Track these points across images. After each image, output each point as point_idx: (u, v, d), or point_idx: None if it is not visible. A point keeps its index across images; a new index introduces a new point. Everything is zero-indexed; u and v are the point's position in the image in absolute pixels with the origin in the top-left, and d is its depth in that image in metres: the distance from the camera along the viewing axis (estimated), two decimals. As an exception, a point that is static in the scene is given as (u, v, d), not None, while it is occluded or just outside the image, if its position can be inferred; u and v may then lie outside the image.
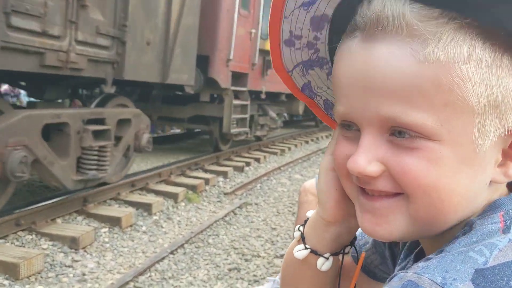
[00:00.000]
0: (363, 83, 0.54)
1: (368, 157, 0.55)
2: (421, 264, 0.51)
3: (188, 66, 7.35)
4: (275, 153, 10.99)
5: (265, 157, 10.23)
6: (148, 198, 5.99)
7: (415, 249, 0.69)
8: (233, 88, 9.09)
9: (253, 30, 9.55)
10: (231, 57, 8.60)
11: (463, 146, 0.52)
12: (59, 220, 4.84)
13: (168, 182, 6.93)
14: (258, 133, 11.43)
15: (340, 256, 0.76)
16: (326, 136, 16.45)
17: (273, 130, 12.50)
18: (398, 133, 0.53)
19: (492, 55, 0.51)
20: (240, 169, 8.69)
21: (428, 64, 0.50)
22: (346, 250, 0.76)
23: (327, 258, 0.74)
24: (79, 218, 5.06)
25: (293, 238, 0.81)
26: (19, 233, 4.40)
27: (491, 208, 0.56)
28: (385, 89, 0.52)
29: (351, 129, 0.59)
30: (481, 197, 0.57)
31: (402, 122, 0.52)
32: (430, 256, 0.53)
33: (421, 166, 0.52)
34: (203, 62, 8.14)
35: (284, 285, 0.85)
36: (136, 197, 5.97)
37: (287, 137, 13.70)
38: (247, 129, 10.05)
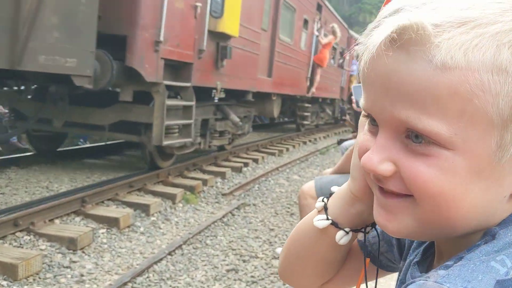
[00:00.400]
0: (381, 84, 0.53)
1: (381, 156, 0.55)
2: (441, 272, 0.51)
3: (78, 46, 4.85)
4: (273, 154, 11.00)
5: (263, 157, 10.24)
6: (146, 199, 5.98)
7: (423, 243, 0.70)
8: (168, 82, 6.52)
9: (199, 4, 6.76)
10: (162, 38, 6.06)
11: (478, 158, 0.51)
12: (57, 221, 4.84)
13: (166, 183, 6.92)
14: (216, 142, 8.77)
15: (359, 234, 0.77)
16: (324, 137, 16.47)
17: (240, 137, 10.10)
18: (415, 137, 0.53)
19: None
20: (238, 170, 8.69)
21: (445, 71, 0.48)
22: (367, 229, 0.77)
23: (347, 233, 0.75)
24: (77, 218, 5.05)
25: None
26: (17, 233, 4.39)
27: None
28: (400, 92, 0.51)
29: (375, 124, 0.58)
30: (499, 209, 0.55)
31: (416, 127, 0.51)
32: (449, 263, 0.53)
33: (432, 173, 0.51)
34: (119, 46, 5.75)
35: (292, 254, 0.85)
36: (134, 198, 5.96)
37: (284, 138, 13.71)
38: (191, 139, 7.26)
